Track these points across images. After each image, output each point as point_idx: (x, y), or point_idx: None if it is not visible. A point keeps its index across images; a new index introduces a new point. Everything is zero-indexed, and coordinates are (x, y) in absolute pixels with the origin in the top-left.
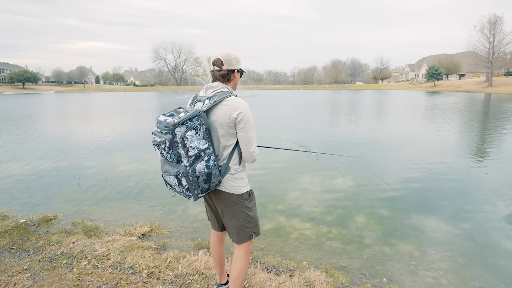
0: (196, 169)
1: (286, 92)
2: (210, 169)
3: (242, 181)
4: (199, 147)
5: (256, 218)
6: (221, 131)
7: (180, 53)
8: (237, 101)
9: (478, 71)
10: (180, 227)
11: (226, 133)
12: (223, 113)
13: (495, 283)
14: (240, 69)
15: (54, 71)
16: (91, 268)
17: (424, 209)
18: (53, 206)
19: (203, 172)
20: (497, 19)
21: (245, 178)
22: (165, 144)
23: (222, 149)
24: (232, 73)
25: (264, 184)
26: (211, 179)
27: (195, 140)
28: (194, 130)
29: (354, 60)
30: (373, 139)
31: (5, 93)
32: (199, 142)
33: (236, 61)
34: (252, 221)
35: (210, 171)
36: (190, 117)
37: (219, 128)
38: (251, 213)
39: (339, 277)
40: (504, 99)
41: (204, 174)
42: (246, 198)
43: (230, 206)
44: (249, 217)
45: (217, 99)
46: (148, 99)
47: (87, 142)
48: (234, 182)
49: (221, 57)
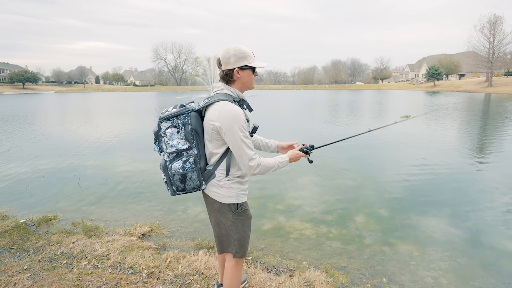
0: (173, 166)
1: (286, 92)
2: (185, 171)
3: (228, 191)
4: (178, 147)
5: (242, 236)
6: (207, 136)
7: (180, 53)
8: (223, 109)
9: (478, 71)
10: (180, 227)
11: (211, 139)
12: (208, 118)
13: (495, 283)
14: (245, 65)
15: (54, 71)
16: (91, 268)
17: (424, 209)
18: (53, 206)
19: (178, 172)
20: (497, 19)
21: (233, 189)
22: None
23: (209, 155)
24: (232, 72)
25: (264, 184)
26: (186, 181)
27: (174, 138)
28: (175, 128)
29: (354, 60)
30: (373, 138)
31: (5, 93)
32: (178, 141)
33: (235, 58)
34: (234, 237)
35: (185, 173)
36: (177, 114)
37: (206, 132)
38: (234, 228)
39: (339, 277)
40: (504, 99)
41: (178, 174)
42: (231, 210)
43: (213, 212)
44: (231, 231)
45: (210, 101)
46: (148, 99)
47: (87, 142)
48: (218, 189)
49: (220, 56)
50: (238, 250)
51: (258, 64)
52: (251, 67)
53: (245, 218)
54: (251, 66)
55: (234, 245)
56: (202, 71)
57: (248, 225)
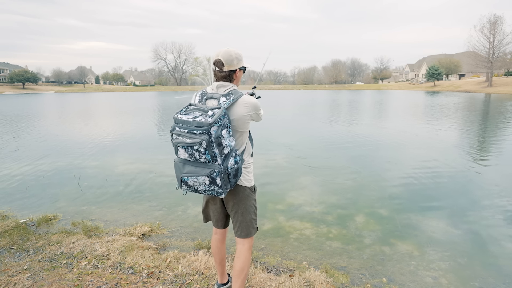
0: (228, 166)
1: (286, 92)
2: (238, 165)
3: (252, 175)
4: (231, 145)
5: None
6: (241, 128)
7: (180, 53)
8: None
9: (478, 71)
10: (180, 227)
11: (244, 130)
12: (242, 112)
13: (495, 283)
14: (243, 66)
15: (54, 71)
16: (91, 268)
17: (424, 209)
18: (53, 206)
19: (233, 168)
20: (497, 19)
21: (250, 173)
22: (201, 145)
23: (239, 145)
24: (234, 73)
25: (264, 184)
26: (238, 174)
27: (227, 138)
28: (226, 128)
29: (354, 60)
30: (373, 138)
31: (5, 93)
32: (230, 139)
33: (237, 60)
34: (256, 215)
35: (238, 167)
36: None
37: (239, 125)
38: (256, 206)
39: (339, 277)
40: (504, 99)
41: (234, 170)
42: (253, 191)
43: (243, 199)
44: (256, 210)
45: (235, 97)
46: (148, 99)
47: (87, 142)
48: (248, 176)
49: (221, 57)
50: (257, 225)
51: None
52: (243, 68)
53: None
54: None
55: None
56: (202, 71)
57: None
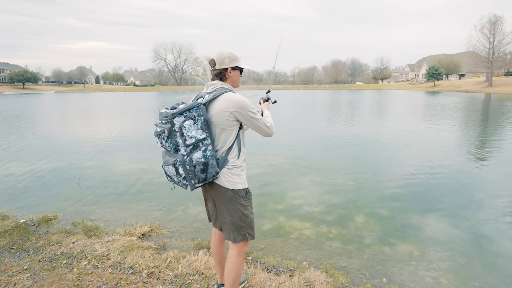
0: (193, 158)
1: (286, 92)
2: (207, 159)
3: (239, 177)
4: (197, 137)
5: (251, 219)
6: (220, 126)
7: (180, 53)
8: (233, 98)
9: (478, 71)
10: (180, 227)
11: (225, 127)
12: (221, 108)
13: (495, 283)
14: (236, 66)
15: (54, 71)
16: (91, 268)
17: (424, 209)
18: (53, 206)
19: (199, 162)
20: (497, 19)
21: (242, 175)
22: (164, 133)
23: (222, 143)
24: (226, 71)
25: (264, 184)
26: (208, 169)
27: (192, 129)
28: (192, 120)
29: (354, 60)
30: (373, 138)
31: (5, 93)
32: (196, 132)
33: (229, 59)
34: (247, 221)
35: (206, 161)
36: (189, 108)
37: (218, 121)
38: (246, 212)
39: (339, 277)
40: (504, 99)
41: (200, 164)
42: (242, 195)
43: (226, 201)
44: (244, 216)
45: (216, 94)
46: (148, 99)
47: (87, 142)
48: (231, 177)
49: (214, 57)
50: (250, 232)
51: (245, 66)
52: (239, 68)
53: (251, 201)
54: (240, 67)
55: (247, 228)
56: (202, 71)
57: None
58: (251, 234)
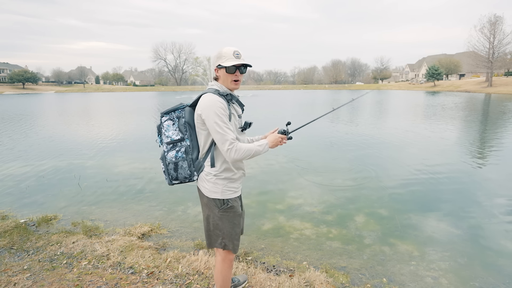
0: (167, 156)
1: (286, 92)
2: (177, 159)
3: (214, 186)
4: (172, 137)
5: (231, 232)
6: (196, 128)
7: (180, 53)
8: (203, 98)
9: (478, 71)
10: (180, 227)
11: (199, 130)
12: (196, 109)
13: (495, 283)
14: (219, 64)
15: (54, 71)
16: (91, 268)
17: (424, 209)
18: (53, 206)
19: (171, 161)
20: (497, 19)
21: (219, 185)
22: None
23: (202, 147)
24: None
25: (264, 184)
26: (178, 170)
27: (170, 130)
28: (171, 120)
29: (354, 60)
30: (373, 138)
31: (5, 93)
32: (173, 132)
33: (215, 58)
34: (223, 231)
35: (177, 161)
36: (174, 109)
37: (195, 124)
38: (221, 224)
39: (339, 277)
40: (504, 99)
41: (172, 163)
42: (217, 205)
43: (203, 206)
44: (218, 226)
45: (200, 95)
46: (148, 99)
47: (87, 142)
48: (205, 184)
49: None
50: (227, 243)
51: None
52: (224, 66)
53: (232, 214)
54: (223, 65)
55: (223, 238)
56: (202, 71)
57: (236, 222)
58: (227, 245)
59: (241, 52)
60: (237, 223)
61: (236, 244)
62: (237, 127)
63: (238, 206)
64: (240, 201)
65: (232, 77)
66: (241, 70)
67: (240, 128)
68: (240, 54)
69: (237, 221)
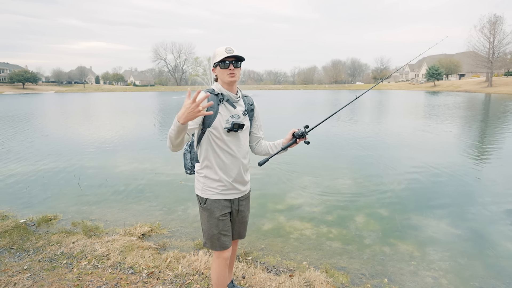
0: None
1: (286, 92)
2: (185, 151)
3: (197, 182)
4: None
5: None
6: None
7: (180, 53)
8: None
9: (478, 71)
10: (180, 227)
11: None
12: None
13: (495, 283)
14: (214, 63)
15: (54, 71)
16: (91, 268)
17: (424, 209)
18: (53, 206)
19: (183, 152)
20: (497, 19)
21: (200, 182)
22: None
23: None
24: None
25: (264, 184)
26: (185, 161)
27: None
28: None
29: (354, 60)
30: (373, 138)
31: (5, 93)
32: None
33: (212, 59)
34: (202, 229)
35: (184, 153)
36: None
37: None
38: (201, 220)
39: (339, 277)
40: (504, 99)
41: (183, 154)
42: (199, 201)
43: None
44: (201, 222)
45: None
46: (148, 99)
47: (87, 142)
48: (195, 179)
49: None
50: (206, 241)
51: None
52: (218, 63)
53: (208, 215)
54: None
55: (203, 236)
56: (202, 71)
57: (213, 224)
58: (206, 243)
59: (234, 49)
60: (213, 225)
61: (215, 244)
62: (223, 127)
63: (217, 210)
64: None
65: (227, 72)
66: (235, 64)
67: (225, 129)
68: (232, 50)
69: (214, 223)
